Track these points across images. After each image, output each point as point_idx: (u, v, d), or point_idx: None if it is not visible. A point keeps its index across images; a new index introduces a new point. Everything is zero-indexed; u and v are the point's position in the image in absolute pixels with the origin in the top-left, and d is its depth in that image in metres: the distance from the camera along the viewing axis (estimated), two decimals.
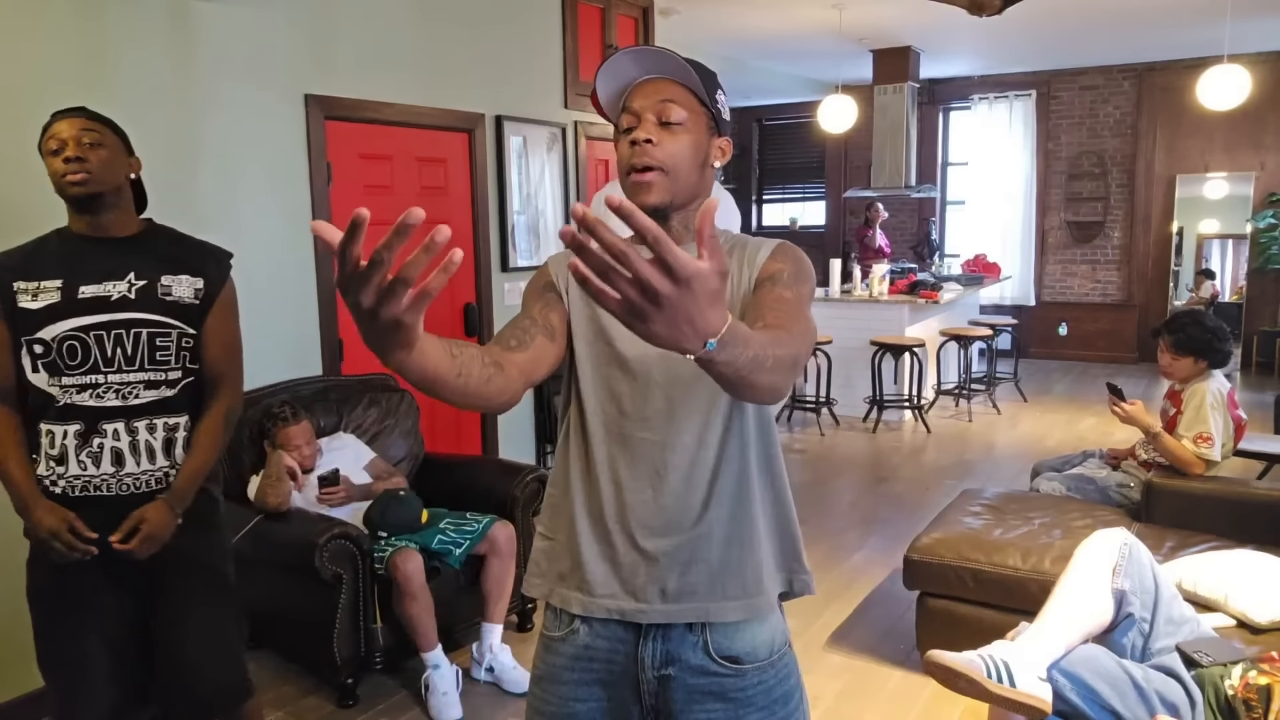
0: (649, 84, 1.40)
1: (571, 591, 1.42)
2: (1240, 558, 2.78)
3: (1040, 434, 6.75)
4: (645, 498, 1.38)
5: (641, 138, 1.36)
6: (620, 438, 1.39)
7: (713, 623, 1.38)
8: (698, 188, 1.41)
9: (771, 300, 1.35)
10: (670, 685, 1.39)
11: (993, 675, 2.05)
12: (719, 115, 1.43)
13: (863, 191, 9.57)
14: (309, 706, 3.08)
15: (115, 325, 2.03)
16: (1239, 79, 6.37)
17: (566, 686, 1.43)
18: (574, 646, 1.43)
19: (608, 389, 1.40)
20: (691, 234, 1.40)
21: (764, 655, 1.40)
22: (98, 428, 2.04)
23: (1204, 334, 3.44)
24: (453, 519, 3.31)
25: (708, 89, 1.41)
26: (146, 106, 3.24)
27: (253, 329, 3.60)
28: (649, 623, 1.38)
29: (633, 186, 1.37)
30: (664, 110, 1.37)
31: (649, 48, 1.39)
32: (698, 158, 1.40)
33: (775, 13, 6.81)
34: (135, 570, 2.07)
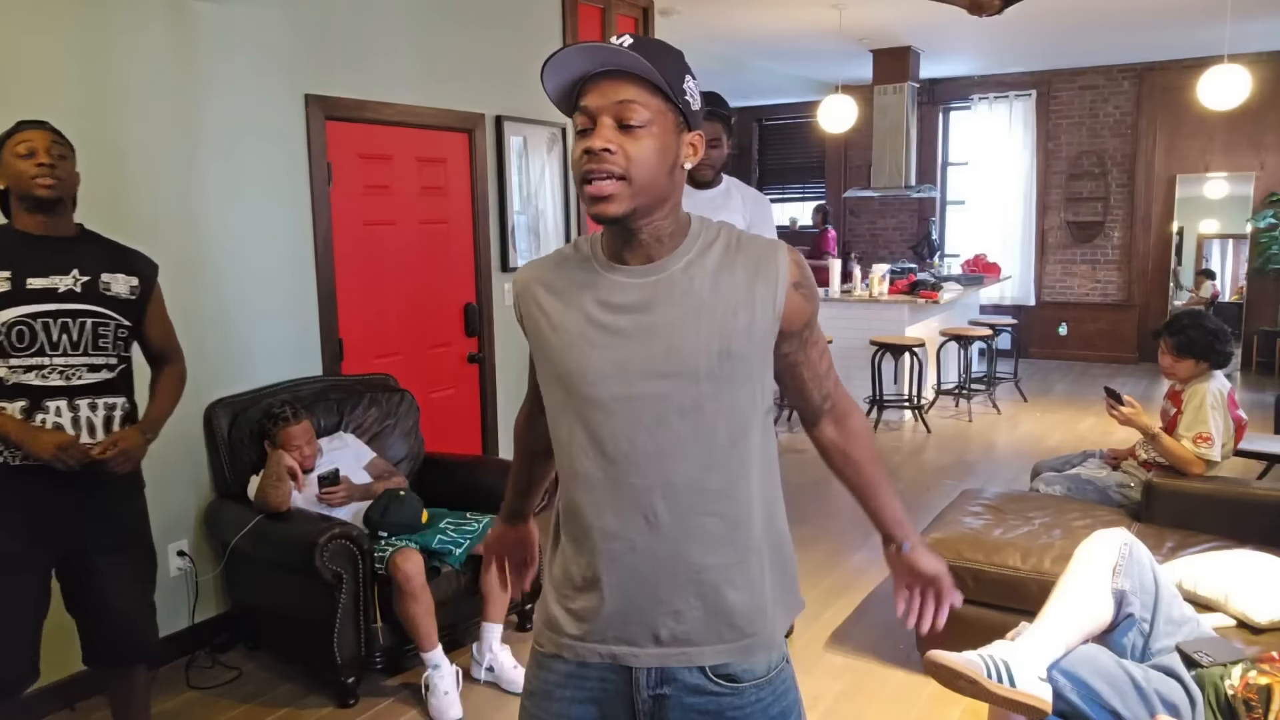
0: (606, 80, 1.24)
1: (562, 637, 1.37)
2: (1240, 558, 2.78)
3: (1040, 434, 6.76)
4: (635, 544, 1.30)
5: (598, 146, 1.22)
6: (607, 483, 1.30)
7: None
8: (666, 191, 1.28)
9: (817, 355, 1.43)
10: (666, 704, 1.34)
11: (993, 675, 2.05)
12: (687, 108, 1.28)
13: (863, 191, 9.57)
14: (309, 706, 3.09)
15: (62, 314, 2.27)
16: (1239, 79, 6.37)
17: (559, 704, 1.37)
18: (567, 664, 1.37)
19: (588, 432, 1.30)
20: (663, 244, 1.31)
21: (761, 673, 1.35)
22: (41, 404, 2.26)
23: (1205, 335, 3.44)
24: (453, 519, 3.32)
25: (673, 80, 1.25)
26: (147, 106, 3.24)
27: (253, 329, 3.63)
28: (641, 666, 1.33)
29: (590, 198, 1.24)
30: (623, 112, 1.23)
31: (596, 43, 1.23)
32: (665, 161, 1.26)
33: (775, 13, 6.81)
34: (65, 534, 2.32)
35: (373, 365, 4.10)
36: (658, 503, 1.29)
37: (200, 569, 3.44)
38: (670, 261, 1.31)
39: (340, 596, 2.96)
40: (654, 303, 1.29)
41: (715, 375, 1.27)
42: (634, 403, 1.28)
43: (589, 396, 1.29)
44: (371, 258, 4.12)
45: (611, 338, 1.29)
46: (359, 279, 4.06)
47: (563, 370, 1.31)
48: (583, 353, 1.30)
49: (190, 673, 3.30)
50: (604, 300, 1.31)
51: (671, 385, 1.27)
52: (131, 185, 3.22)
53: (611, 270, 1.32)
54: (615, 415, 1.29)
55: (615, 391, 1.28)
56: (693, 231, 1.34)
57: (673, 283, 1.30)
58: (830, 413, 1.46)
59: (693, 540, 1.30)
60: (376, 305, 4.17)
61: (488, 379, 4.73)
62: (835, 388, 1.46)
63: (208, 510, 3.44)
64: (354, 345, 4.05)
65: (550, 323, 1.33)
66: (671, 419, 1.28)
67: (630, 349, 1.28)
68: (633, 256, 1.31)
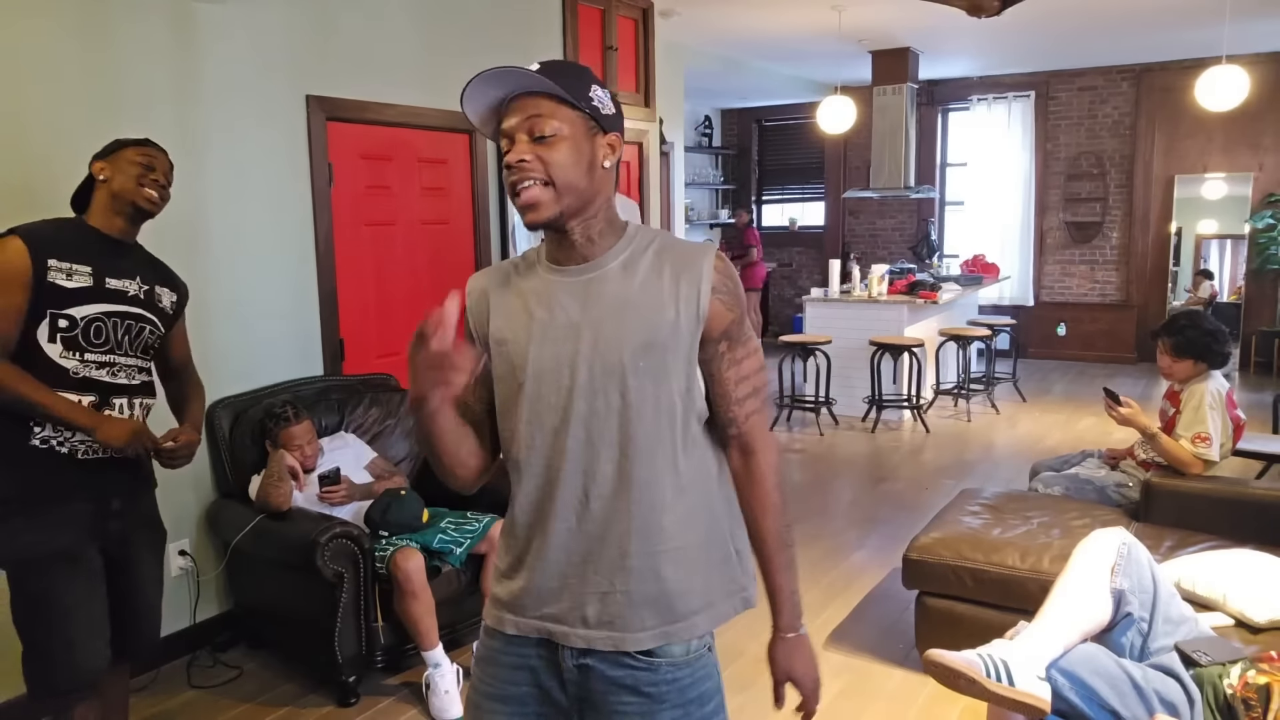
0: (517, 101, 1.36)
1: (504, 613, 1.47)
2: (1239, 557, 2.79)
3: (1039, 434, 6.76)
4: (568, 527, 1.39)
5: (513, 159, 1.34)
6: (542, 470, 1.39)
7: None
8: (591, 191, 1.38)
9: (736, 377, 1.42)
10: (590, 674, 1.41)
11: (992, 674, 2.06)
12: (597, 113, 1.38)
13: (862, 192, 9.58)
14: (310, 705, 3.09)
15: (128, 316, 2.32)
16: (1237, 79, 6.37)
17: (502, 669, 1.48)
18: (507, 635, 1.48)
19: (526, 423, 1.39)
20: (595, 244, 1.40)
21: (679, 655, 1.41)
22: (109, 401, 2.28)
23: (1203, 336, 3.45)
24: (453, 518, 3.32)
25: (576, 89, 1.36)
26: (148, 107, 3.24)
27: (254, 329, 3.63)
28: (569, 645, 1.41)
29: (521, 209, 1.35)
30: (533, 126, 1.34)
31: (502, 68, 1.35)
32: (581, 162, 1.36)
33: (775, 13, 6.81)
34: (115, 528, 2.33)
35: (373, 365, 4.10)
36: (589, 488, 1.38)
37: (201, 568, 3.44)
38: (604, 260, 1.41)
39: (341, 596, 2.97)
40: (586, 300, 1.39)
41: (639, 369, 1.35)
42: (565, 394, 1.37)
43: (526, 389, 1.39)
44: (372, 258, 4.13)
45: (546, 334, 1.39)
46: (360, 279, 4.07)
47: (505, 367, 1.42)
48: (522, 348, 1.40)
49: (191, 672, 3.30)
50: (541, 299, 1.41)
51: (599, 378, 1.36)
52: None
53: (551, 272, 1.43)
54: (549, 406, 1.38)
55: (549, 384, 1.38)
56: (628, 234, 1.43)
57: (604, 280, 1.39)
58: (736, 440, 1.46)
59: (620, 527, 1.38)
60: (377, 305, 4.17)
61: None
62: (748, 419, 1.44)
63: (209, 510, 3.45)
64: (355, 345, 4.06)
65: (496, 324, 1.44)
66: (600, 411, 1.36)
67: (562, 344, 1.37)
68: (568, 258, 1.42)
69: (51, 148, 2.98)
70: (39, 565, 2.21)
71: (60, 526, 2.22)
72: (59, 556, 2.21)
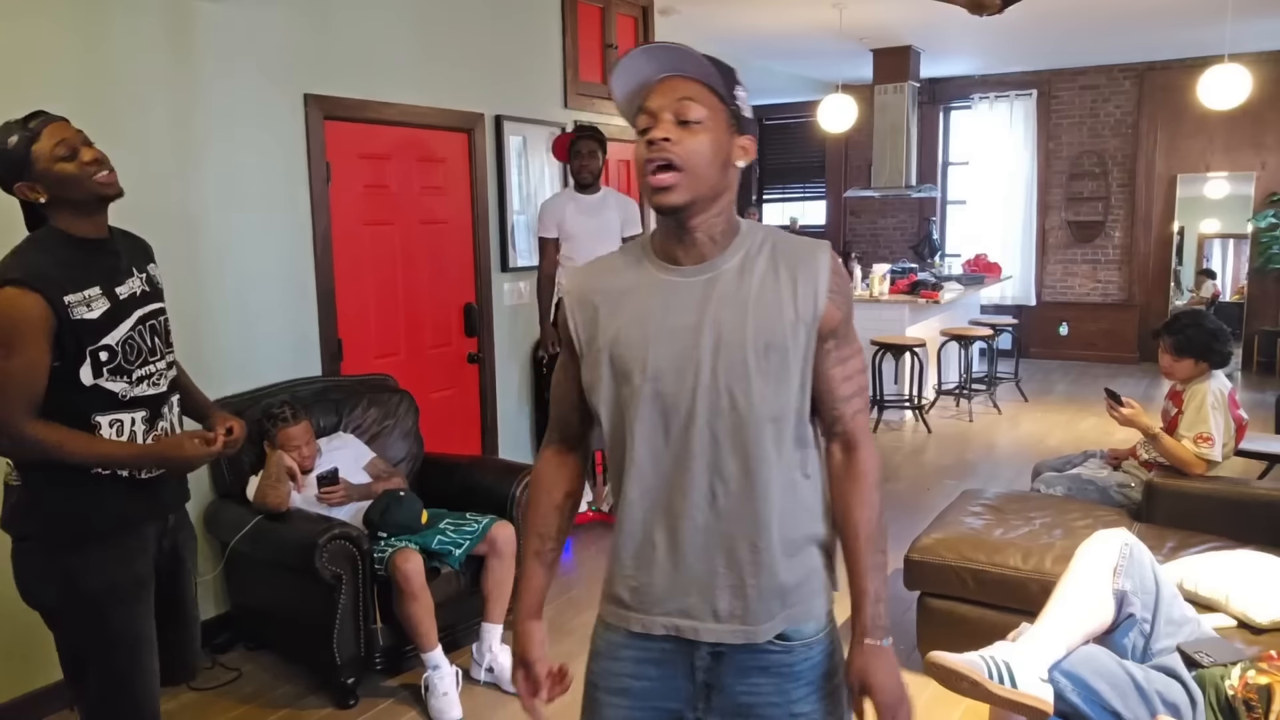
0: (666, 82, 1.37)
1: (627, 611, 1.46)
2: (1241, 558, 2.78)
3: (1041, 434, 6.75)
4: (696, 522, 1.39)
5: (659, 136, 1.33)
6: (667, 468, 1.40)
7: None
8: (720, 187, 1.38)
9: (842, 376, 1.42)
10: (723, 661, 1.42)
11: (994, 676, 2.05)
12: (739, 112, 1.39)
13: (863, 191, 9.57)
14: (309, 707, 3.08)
15: (149, 317, 2.14)
16: (1239, 79, 6.36)
17: (622, 663, 1.47)
18: (632, 631, 1.47)
19: (647, 424, 1.39)
20: (715, 244, 1.40)
21: (810, 633, 1.44)
22: (160, 411, 2.16)
23: (1204, 335, 3.43)
24: (453, 519, 3.31)
25: (726, 85, 1.37)
26: (147, 105, 3.24)
27: (252, 329, 3.62)
28: (700, 640, 1.42)
29: (652, 188, 1.35)
30: (682, 109, 1.34)
31: (664, 44, 1.36)
32: (719, 156, 1.37)
33: (775, 12, 6.80)
34: (168, 544, 2.22)
35: (372, 365, 4.10)
36: (715, 486, 1.38)
37: (200, 569, 3.42)
38: (722, 260, 1.40)
39: (340, 597, 2.96)
40: (706, 301, 1.38)
41: (761, 369, 1.36)
42: (689, 395, 1.37)
43: (646, 390, 1.38)
44: (371, 258, 4.12)
45: (666, 334, 1.38)
46: (358, 279, 4.05)
47: (624, 369, 1.40)
48: (640, 349, 1.39)
49: None
50: (658, 299, 1.40)
51: (722, 378, 1.36)
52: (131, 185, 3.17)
53: (664, 270, 1.42)
54: (673, 409, 1.38)
55: (670, 384, 1.37)
56: (742, 233, 1.43)
57: (723, 281, 1.39)
58: (840, 437, 1.46)
59: (747, 523, 1.38)
60: (376, 305, 4.16)
61: (487, 379, 4.73)
62: (854, 417, 1.45)
63: (207, 510, 3.44)
64: (353, 345, 4.05)
65: (606, 324, 1.43)
66: (723, 410, 1.36)
67: (682, 345, 1.37)
68: (686, 256, 1.41)
69: None
70: (122, 595, 2.09)
71: (137, 553, 2.12)
72: (138, 584, 2.12)
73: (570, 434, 1.59)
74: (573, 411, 1.55)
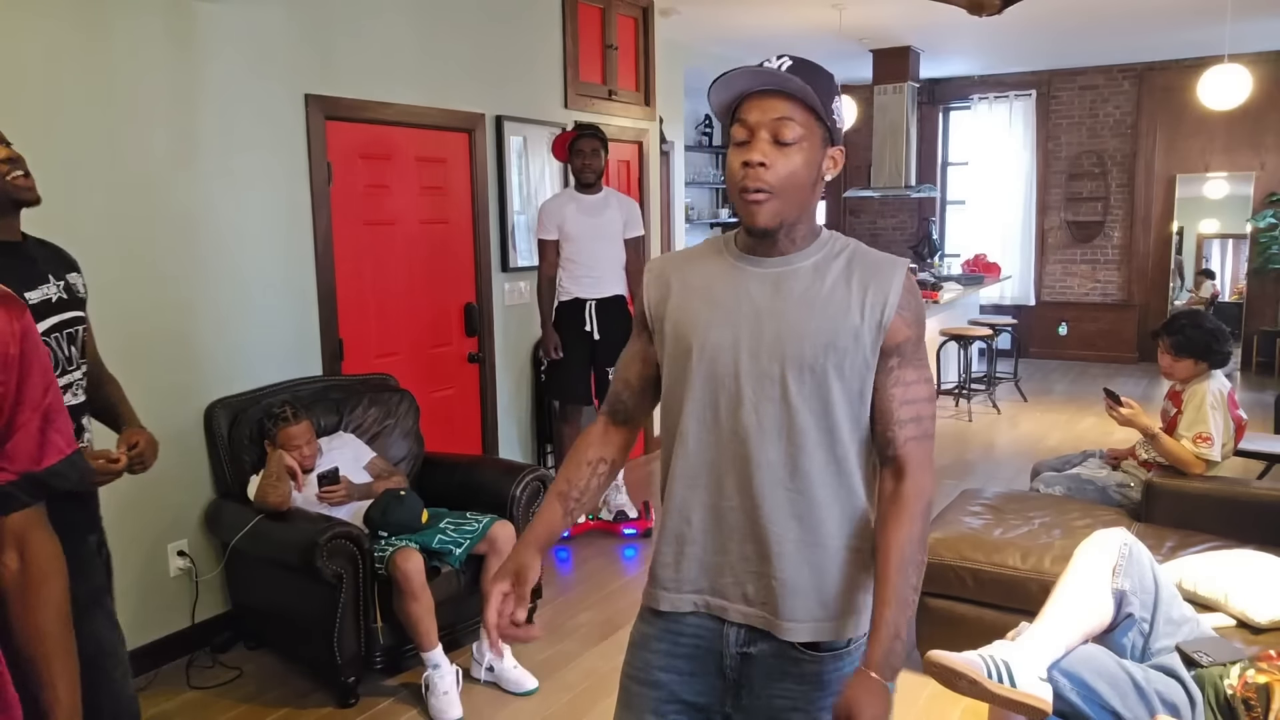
0: (766, 98, 1.35)
1: (660, 590, 1.49)
2: (1240, 557, 2.78)
3: (1040, 434, 6.75)
4: (733, 504, 1.42)
5: (755, 160, 1.33)
6: (712, 448, 1.42)
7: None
8: (809, 203, 1.41)
9: (902, 398, 1.40)
10: (752, 663, 1.44)
11: (993, 675, 2.05)
12: (834, 126, 1.39)
13: (863, 191, 9.57)
14: (309, 706, 3.09)
15: (65, 325, 2.03)
16: (1239, 79, 6.37)
17: (655, 655, 1.49)
18: (664, 619, 1.49)
19: (698, 403, 1.42)
20: (795, 244, 1.42)
21: (842, 644, 1.43)
22: (81, 424, 2.06)
23: (1203, 335, 3.44)
24: (453, 519, 3.32)
25: (825, 100, 1.36)
26: (147, 106, 3.24)
27: (253, 328, 3.63)
28: (728, 620, 1.44)
29: (744, 208, 1.36)
30: (779, 129, 1.34)
31: (766, 71, 1.33)
32: (811, 176, 1.38)
33: (775, 13, 6.80)
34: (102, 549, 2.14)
35: (373, 365, 4.10)
36: (752, 473, 1.40)
37: (200, 569, 3.44)
38: (799, 258, 1.43)
39: (340, 596, 2.96)
40: (775, 292, 1.41)
41: (818, 367, 1.37)
42: (741, 380, 1.39)
43: (699, 369, 1.42)
44: (371, 257, 4.12)
45: (727, 317, 1.41)
46: (359, 279, 4.06)
47: (684, 344, 1.44)
48: (700, 329, 1.42)
49: (190, 672, 3.30)
50: (727, 283, 1.44)
51: (777, 368, 1.38)
52: (131, 185, 3.22)
53: (743, 260, 1.45)
54: (724, 389, 1.41)
55: (726, 366, 1.40)
56: (823, 239, 1.46)
57: (795, 276, 1.41)
58: (891, 461, 1.42)
59: (779, 514, 1.39)
60: (376, 305, 4.16)
61: (488, 379, 4.73)
62: (906, 443, 1.40)
63: (208, 510, 3.44)
64: (354, 345, 4.05)
65: (676, 303, 1.47)
66: (774, 398, 1.38)
67: (742, 329, 1.40)
68: (764, 250, 1.44)
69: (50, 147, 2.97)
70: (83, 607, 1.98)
71: (90, 564, 2.04)
72: (100, 591, 2.06)
73: (619, 410, 1.61)
74: (625, 388, 1.58)
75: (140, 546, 3.29)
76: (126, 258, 3.20)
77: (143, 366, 3.26)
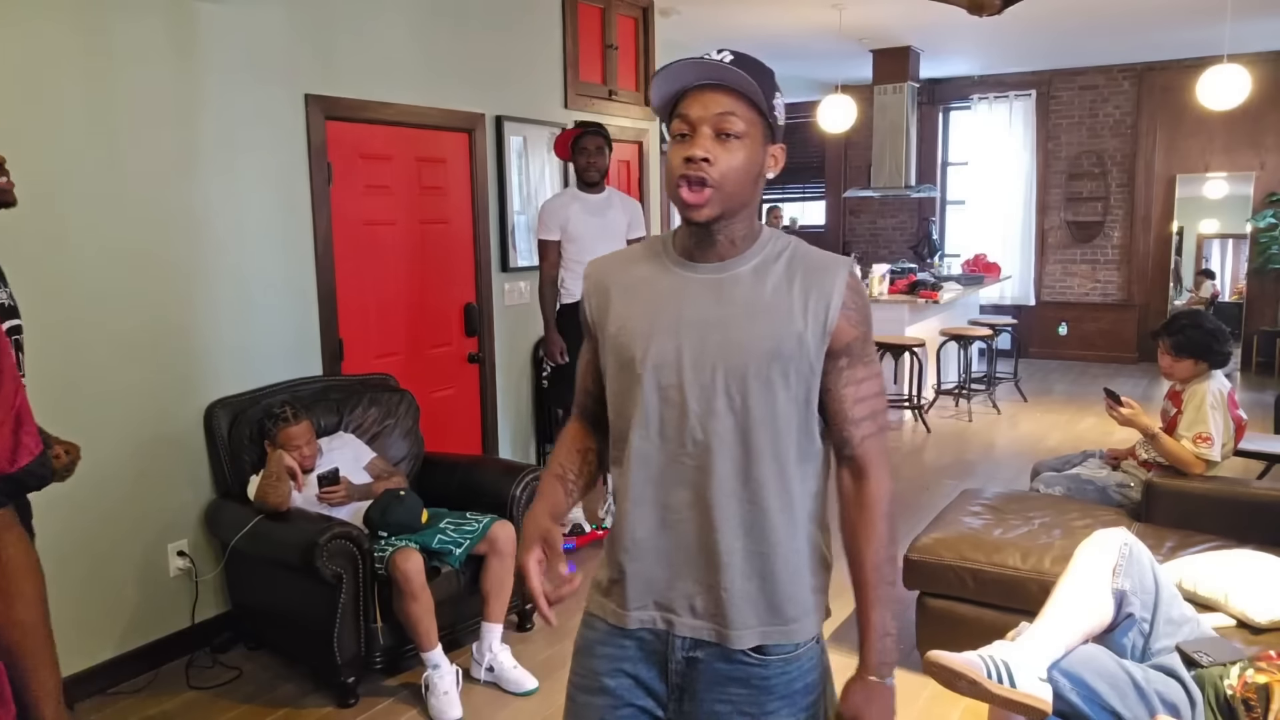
0: (708, 92, 1.33)
1: (608, 601, 1.47)
2: (1240, 558, 2.78)
3: (1040, 434, 6.75)
4: (682, 516, 1.40)
5: (698, 155, 1.32)
6: (659, 461, 1.40)
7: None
8: (749, 198, 1.39)
9: (854, 397, 1.39)
10: (697, 667, 1.42)
11: (993, 675, 2.05)
12: (775, 122, 1.38)
13: (863, 191, 9.57)
14: (309, 706, 3.08)
15: (13, 331, 1.99)
16: (1239, 79, 6.36)
17: (600, 661, 1.47)
18: (609, 625, 1.47)
19: (645, 414, 1.40)
20: (735, 246, 1.40)
21: (789, 649, 1.42)
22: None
23: (1203, 336, 3.44)
24: (453, 519, 3.32)
25: (768, 96, 1.35)
26: (147, 106, 3.24)
27: (253, 328, 3.63)
28: (675, 634, 1.42)
29: (684, 205, 1.34)
30: (722, 123, 1.32)
31: (707, 62, 1.32)
32: (753, 171, 1.36)
33: (775, 12, 6.81)
34: None
35: (373, 365, 4.10)
36: (702, 485, 1.38)
37: (200, 569, 3.44)
38: (738, 263, 1.40)
39: (340, 596, 2.96)
40: (717, 299, 1.38)
41: (764, 375, 1.35)
42: (687, 390, 1.37)
43: (646, 381, 1.39)
44: (371, 257, 4.12)
45: (671, 327, 1.39)
46: (359, 279, 4.06)
47: (626, 356, 1.41)
48: (644, 340, 1.40)
49: (190, 672, 3.30)
50: (670, 292, 1.41)
51: (723, 378, 1.36)
52: (132, 185, 3.21)
53: (681, 266, 1.43)
54: (669, 400, 1.38)
55: (671, 378, 1.38)
56: (762, 239, 1.43)
57: (737, 283, 1.39)
58: (849, 461, 1.43)
59: (732, 525, 1.37)
60: (376, 305, 4.16)
61: (488, 379, 4.73)
62: (864, 441, 1.41)
63: (208, 510, 3.44)
64: (354, 345, 4.05)
65: (616, 311, 1.44)
66: (720, 410, 1.36)
67: (688, 339, 1.38)
68: (704, 256, 1.41)
69: (50, 148, 2.98)
70: None
71: None
72: None
73: (588, 414, 1.59)
74: (587, 395, 1.57)
75: (140, 546, 3.29)
76: (126, 257, 3.20)
77: (143, 366, 3.26)
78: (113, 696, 3.15)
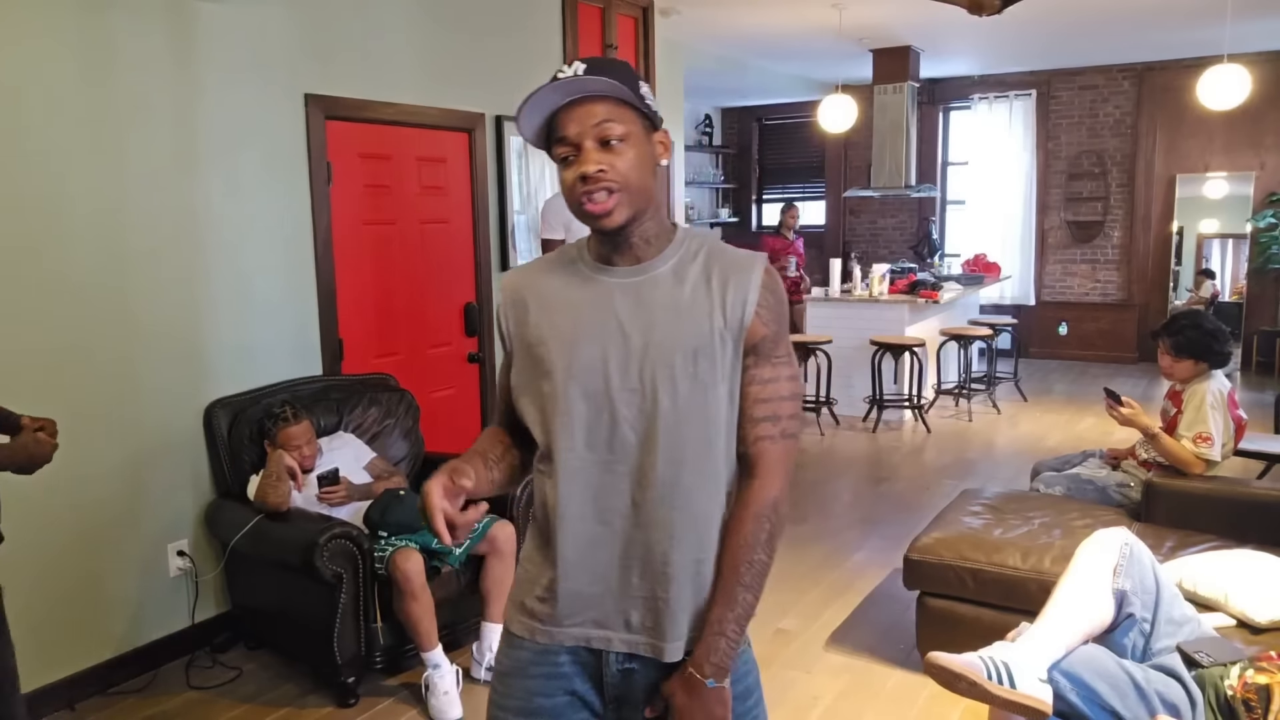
0: (577, 107, 1.32)
1: (536, 623, 1.42)
2: (1240, 557, 2.78)
3: (1040, 434, 6.75)
4: (613, 529, 1.36)
5: (591, 170, 1.30)
6: (587, 472, 1.36)
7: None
8: (652, 192, 1.37)
9: (756, 396, 1.37)
10: (633, 678, 1.40)
11: (993, 676, 2.05)
12: (649, 110, 1.37)
13: (863, 191, 9.56)
14: (309, 706, 3.09)
15: None
16: (1239, 79, 6.37)
17: (533, 681, 1.42)
18: (540, 644, 1.42)
19: (570, 424, 1.36)
20: (650, 246, 1.38)
21: None
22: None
23: (1203, 336, 3.44)
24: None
25: (633, 89, 1.34)
26: (147, 106, 3.24)
27: (253, 328, 3.63)
28: (611, 650, 1.39)
29: (592, 216, 1.33)
30: (603, 131, 1.31)
31: (561, 82, 1.31)
32: (648, 165, 1.36)
33: (775, 12, 6.80)
34: None
35: (373, 365, 4.10)
36: (634, 493, 1.35)
37: (200, 569, 3.44)
38: (656, 264, 1.39)
39: (340, 596, 2.96)
40: (637, 303, 1.37)
41: (689, 375, 1.34)
42: (615, 395, 1.35)
43: (570, 390, 1.36)
44: (371, 257, 4.12)
45: (593, 334, 1.36)
46: (359, 279, 4.06)
47: (547, 367, 1.38)
48: (565, 349, 1.37)
49: (190, 672, 3.30)
50: (588, 299, 1.39)
51: (649, 382, 1.34)
52: (132, 185, 3.21)
53: (598, 271, 1.41)
54: (597, 406, 1.35)
55: (597, 385, 1.35)
56: (677, 238, 1.41)
57: (656, 285, 1.37)
58: (742, 460, 1.39)
59: (665, 533, 1.35)
60: (376, 305, 4.16)
61: (488, 379, 4.73)
62: (756, 442, 1.37)
63: (208, 510, 3.44)
64: (354, 345, 4.05)
65: (535, 321, 1.41)
66: (648, 414, 1.34)
67: (610, 346, 1.35)
68: (621, 259, 1.39)
69: (51, 147, 2.98)
70: None
71: None
72: None
73: (514, 426, 1.50)
74: (511, 409, 1.50)
75: (140, 546, 3.29)
76: (126, 257, 3.20)
77: (143, 366, 3.26)
78: (113, 696, 3.15)
